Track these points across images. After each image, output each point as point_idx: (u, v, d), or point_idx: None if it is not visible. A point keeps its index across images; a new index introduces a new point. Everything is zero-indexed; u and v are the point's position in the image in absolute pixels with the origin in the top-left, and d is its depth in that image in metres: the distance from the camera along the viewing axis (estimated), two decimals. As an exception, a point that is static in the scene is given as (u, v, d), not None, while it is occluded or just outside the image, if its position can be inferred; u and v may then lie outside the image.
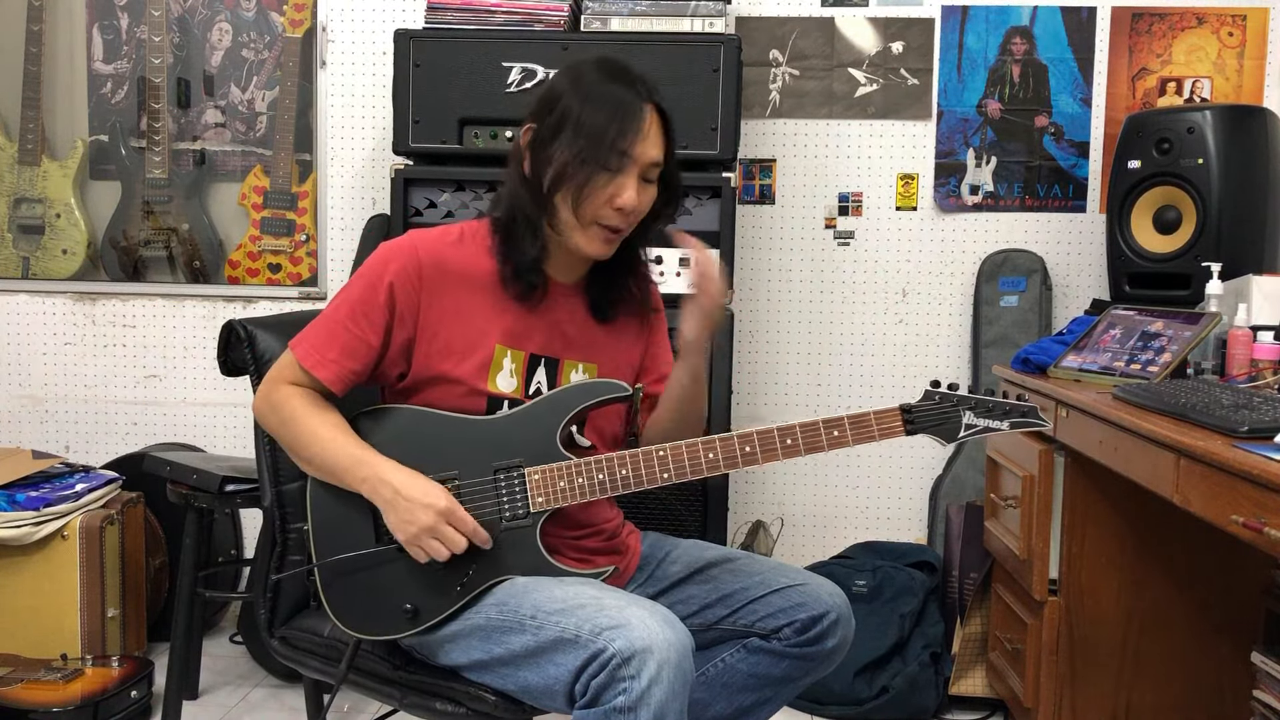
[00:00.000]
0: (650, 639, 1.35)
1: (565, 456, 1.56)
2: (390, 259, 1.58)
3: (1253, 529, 1.40)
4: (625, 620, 1.38)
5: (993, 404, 1.52)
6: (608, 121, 1.51)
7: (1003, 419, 1.52)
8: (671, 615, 1.42)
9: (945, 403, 1.53)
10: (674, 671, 1.35)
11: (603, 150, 1.50)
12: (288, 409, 1.57)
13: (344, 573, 1.57)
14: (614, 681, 1.35)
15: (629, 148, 1.51)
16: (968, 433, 1.52)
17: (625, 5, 2.69)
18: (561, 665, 1.40)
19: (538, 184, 1.55)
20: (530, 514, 1.55)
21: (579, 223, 1.55)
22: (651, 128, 1.54)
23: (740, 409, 3.09)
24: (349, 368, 1.56)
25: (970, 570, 2.78)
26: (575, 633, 1.40)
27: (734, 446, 1.53)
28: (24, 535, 2.60)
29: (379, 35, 3.13)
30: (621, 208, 1.53)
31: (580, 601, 1.44)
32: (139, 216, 3.21)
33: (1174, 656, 2.31)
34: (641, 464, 1.54)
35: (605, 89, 1.54)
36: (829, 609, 1.62)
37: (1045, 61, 3.05)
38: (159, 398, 3.25)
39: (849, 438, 1.52)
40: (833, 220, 3.12)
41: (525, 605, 1.47)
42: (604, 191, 1.53)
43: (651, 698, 1.33)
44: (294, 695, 2.69)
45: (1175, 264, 2.53)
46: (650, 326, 1.77)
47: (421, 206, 2.66)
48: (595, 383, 1.62)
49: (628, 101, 1.53)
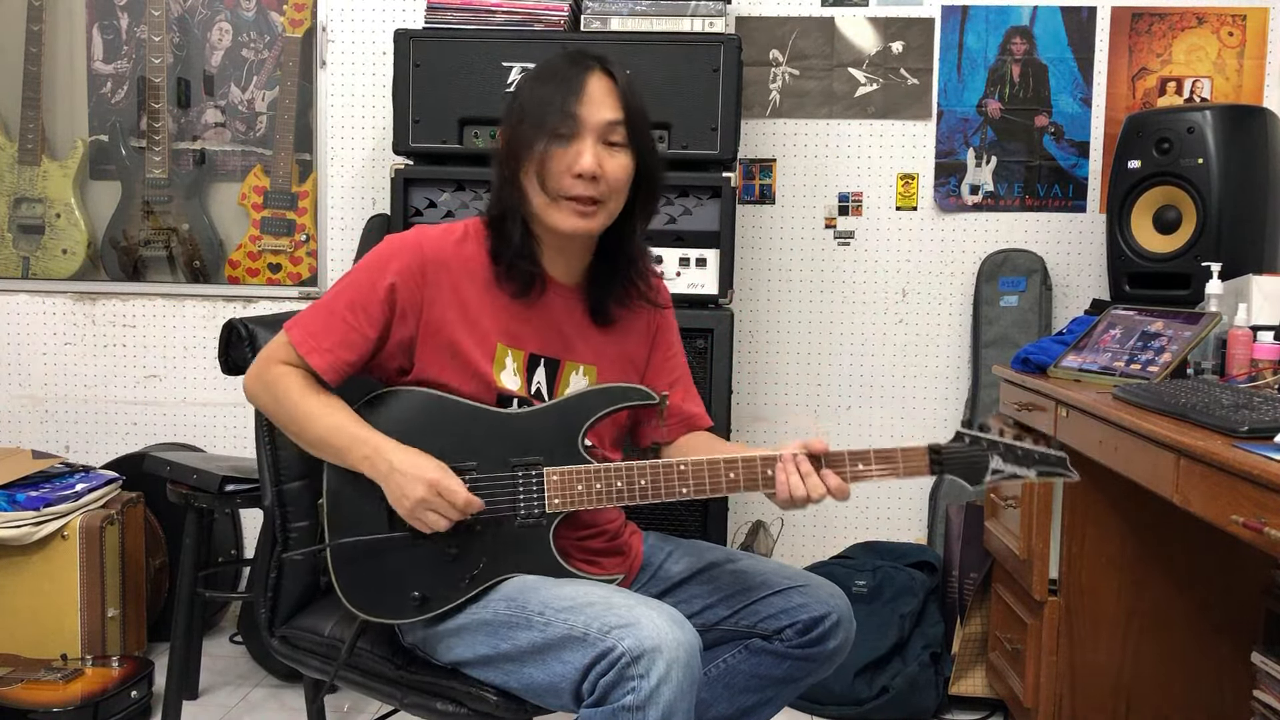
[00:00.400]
0: (660, 638, 1.35)
1: (586, 460, 1.55)
2: (395, 255, 1.57)
3: (1253, 529, 1.40)
4: (634, 619, 1.37)
5: (1022, 451, 1.49)
6: (552, 93, 1.54)
7: (1030, 467, 1.49)
8: (680, 615, 1.42)
9: (974, 446, 1.50)
10: (683, 671, 1.35)
11: (549, 118, 1.52)
12: (281, 387, 1.56)
13: (355, 555, 1.56)
14: (623, 680, 1.35)
15: (572, 109, 1.52)
16: (994, 478, 1.49)
17: (625, 5, 2.69)
18: (569, 663, 1.40)
19: (515, 178, 1.57)
20: (545, 514, 1.54)
21: (548, 199, 1.55)
22: (596, 88, 1.55)
23: (740, 409, 3.09)
24: (343, 358, 1.56)
25: (970, 570, 2.78)
26: (584, 631, 1.40)
27: (756, 469, 1.51)
28: (24, 535, 2.60)
29: (379, 35, 3.13)
30: (581, 173, 1.53)
31: (589, 600, 1.44)
32: (139, 216, 3.21)
33: (1174, 656, 2.31)
34: (662, 476, 1.53)
35: (551, 68, 1.57)
36: (830, 610, 1.62)
37: (1045, 61, 3.05)
38: (159, 398, 3.25)
39: (873, 473, 1.50)
40: (833, 220, 3.12)
41: (533, 602, 1.47)
42: (562, 161, 1.53)
43: (660, 697, 1.33)
44: (294, 695, 2.69)
45: (1175, 264, 2.53)
46: (657, 326, 1.75)
47: (421, 206, 2.66)
48: (622, 388, 1.61)
49: (569, 71, 1.55)
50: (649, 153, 1.60)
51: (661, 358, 1.75)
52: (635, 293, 1.68)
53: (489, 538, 1.54)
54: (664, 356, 1.76)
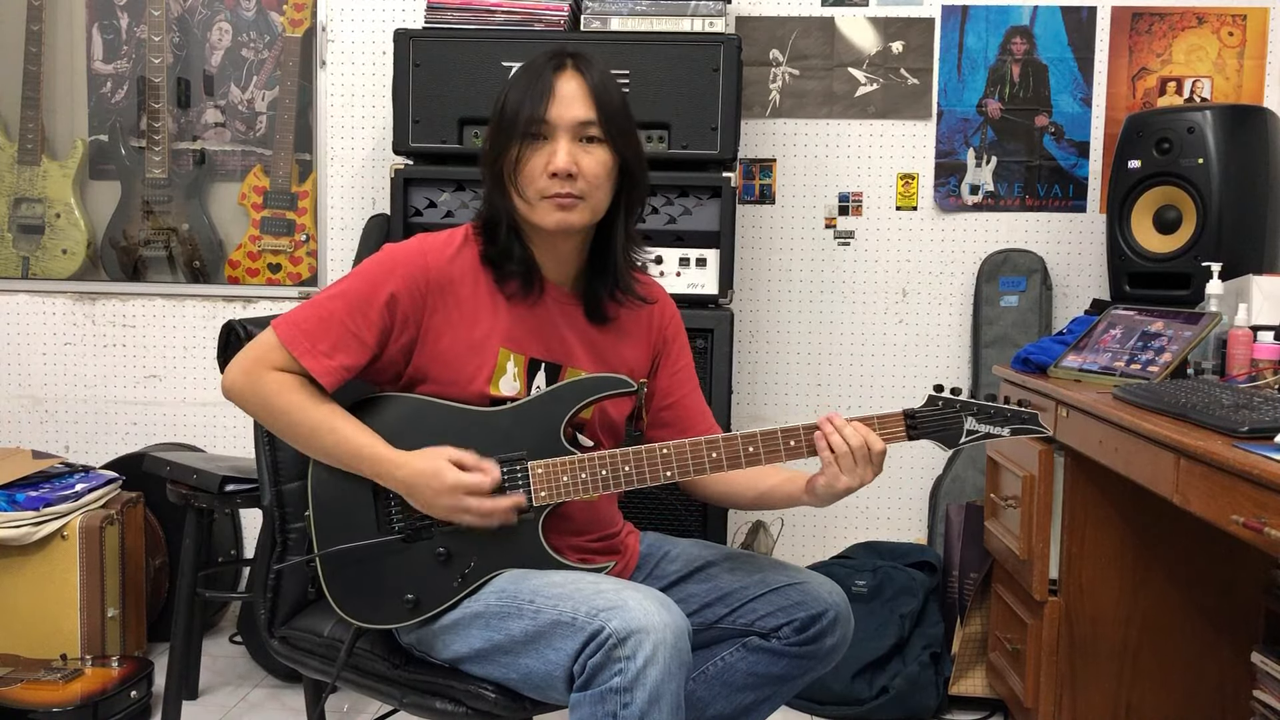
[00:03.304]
0: (646, 620, 1.36)
1: (569, 451, 1.56)
2: (397, 266, 1.56)
3: (1253, 529, 1.40)
4: (621, 602, 1.38)
5: (994, 410, 1.53)
6: (522, 95, 1.55)
7: (1004, 425, 1.52)
8: (668, 599, 1.42)
9: (948, 408, 1.53)
10: (670, 652, 1.35)
11: (520, 122, 1.54)
12: (283, 401, 1.54)
13: (345, 562, 1.57)
14: (610, 662, 1.35)
15: (542, 113, 1.53)
16: (969, 438, 1.53)
17: (625, 5, 2.69)
18: (561, 650, 1.41)
19: (500, 181, 1.58)
20: (533, 507, 1.55)
21: (529, 201, 1.56)
22: (566, 88, 1.55)
23: (740, 409, 3.09)
24: (340, 362, 1.54)
25: (970, 570, 2.78)
26: (572, 615, 1.41)
27: (737, 447, 1.54)
28: (24, 535, 2.60)
29: (379, 35, 3.13)
30: (556, 172, 1.53)
31: (578, 586, 1.45)
32: (139, 216, 3.21)
33: (1174, 656, 2.31)
34: (645, 461, 1.55)
35: (526, 70, 1.58)
36: (828, 607, 1.62)
37: (1045, 61, 3.05)
38: (159, 398, 3.25)
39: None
40: (833, 220, 3.12)
41: (524, 590, 1.48)
42: (538, 162, 1.55)
43: (647, 678, 1.33)
44: (294, 695, 2.69)
45: (1175, 264, 2.53)
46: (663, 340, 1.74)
47: (421, 206, 2.66)
48: (599, 377, 1.61)
49: (540, 72, 1.56)
50: (629, 147, 1.60)
51: (668, 377, 1.74)
52: (627, 288, 1.66)
53: (478, 535, 1.55)
54: (669, 375, 1.75)
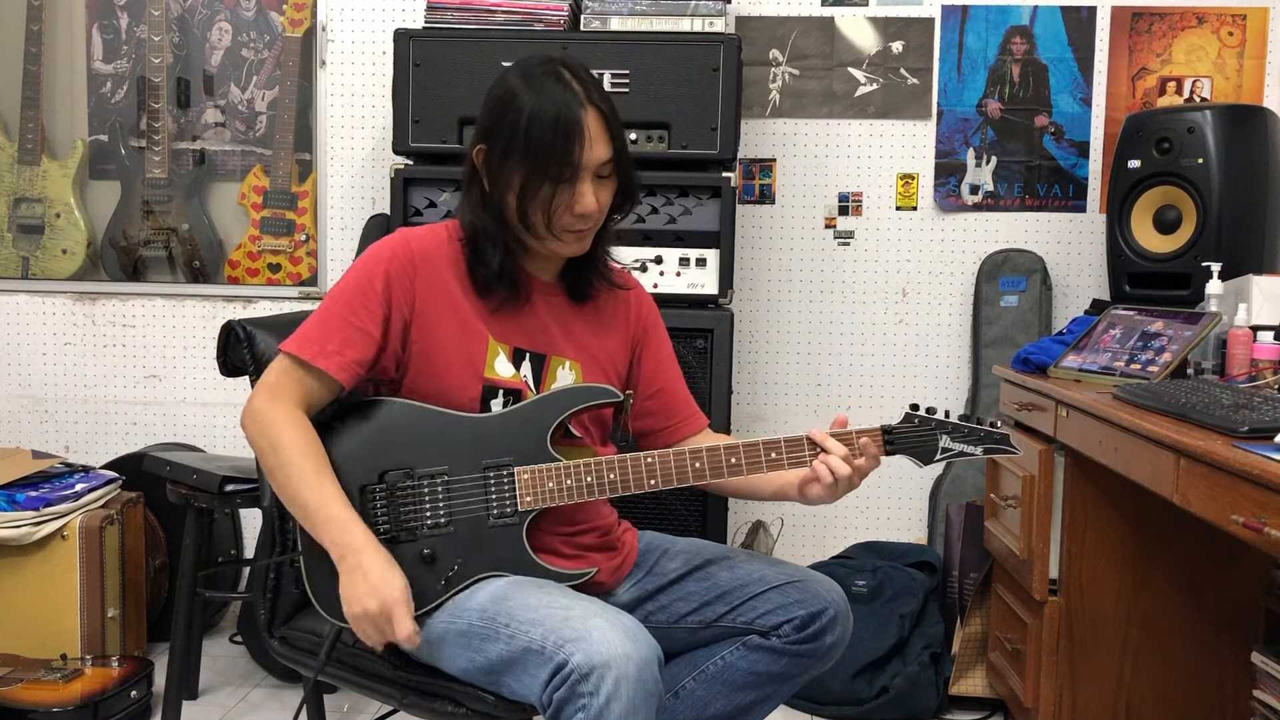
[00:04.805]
0: (609, 653, 1.34)
1: (555, 458, 1.58)
2: (383, 253, 1.60)
3: (1253, 529, 1.40)
4: (586, 632, 1.37)
5: (968, 429, 1.58)
6: (552, 137, 1.53)
7: (977, 444, 1.58)
8: (637, 627, 1.41)
9: (924, 426, 1.58)
10: (633, 685, 1.34)
11: (553, 167, 1.54)
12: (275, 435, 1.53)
13: (329, 561, 1.56)
14: (573, 697, 1.35)
15: (577, 160, 1.55)
16: (944, 455, 1.58)
17: (625, 5, 2.69)
18: (534, 676, 1.40)
19: (499, 205, 1.59)
20: (518, 513, 1.56)
21: (551, 234, 1.59)
22: (594, 128, 1.56)
23: (740, 409, 3.09)
24: (351, 357, 1.55)
25: (970, 570, 2.78)
26: (541, 644, 1.40)
27: (720, 457, 1.58)
28: (24, 535, 2.60)
29: (379, 35, 3.13)
30: (583, 213, 1.57)
31: (550, 611, 1.44)
32: (139, 216, 3.21)
33: (1174, 656, 2.31)
34: (630, 470, 1.57)
35: (547, 99, 1.55)
36: (827, 605, 1.62)
37: (1045, 61, 3.05)
38: (159, 398, 3.25)
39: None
40: (833, 220, 3.12)
41: (501, 613, 1.48)
42: (564, 201, 1.57)
43: (610, 714, 1.32)
44: (294, 695, 2.69)
45: (1175, 264, 2.53)
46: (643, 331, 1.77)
47: (421, 206, 2.66)
48: (587, 387, 1.64)
49: (568, 112, 1.54)
50: (630, 172, 1.65)
51: (651, 365, 1.78)
52: (604, 270, 1.72)
53: (464, 538, 1.56)
54: (653, 363, 1.78)
